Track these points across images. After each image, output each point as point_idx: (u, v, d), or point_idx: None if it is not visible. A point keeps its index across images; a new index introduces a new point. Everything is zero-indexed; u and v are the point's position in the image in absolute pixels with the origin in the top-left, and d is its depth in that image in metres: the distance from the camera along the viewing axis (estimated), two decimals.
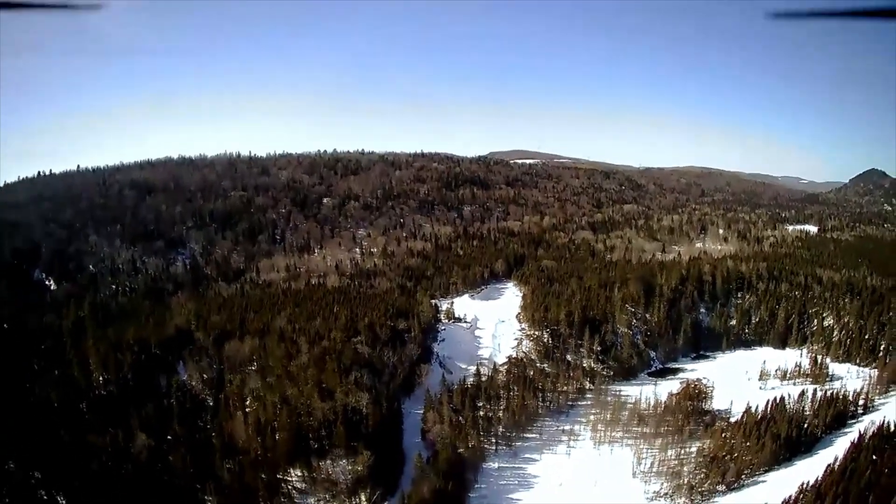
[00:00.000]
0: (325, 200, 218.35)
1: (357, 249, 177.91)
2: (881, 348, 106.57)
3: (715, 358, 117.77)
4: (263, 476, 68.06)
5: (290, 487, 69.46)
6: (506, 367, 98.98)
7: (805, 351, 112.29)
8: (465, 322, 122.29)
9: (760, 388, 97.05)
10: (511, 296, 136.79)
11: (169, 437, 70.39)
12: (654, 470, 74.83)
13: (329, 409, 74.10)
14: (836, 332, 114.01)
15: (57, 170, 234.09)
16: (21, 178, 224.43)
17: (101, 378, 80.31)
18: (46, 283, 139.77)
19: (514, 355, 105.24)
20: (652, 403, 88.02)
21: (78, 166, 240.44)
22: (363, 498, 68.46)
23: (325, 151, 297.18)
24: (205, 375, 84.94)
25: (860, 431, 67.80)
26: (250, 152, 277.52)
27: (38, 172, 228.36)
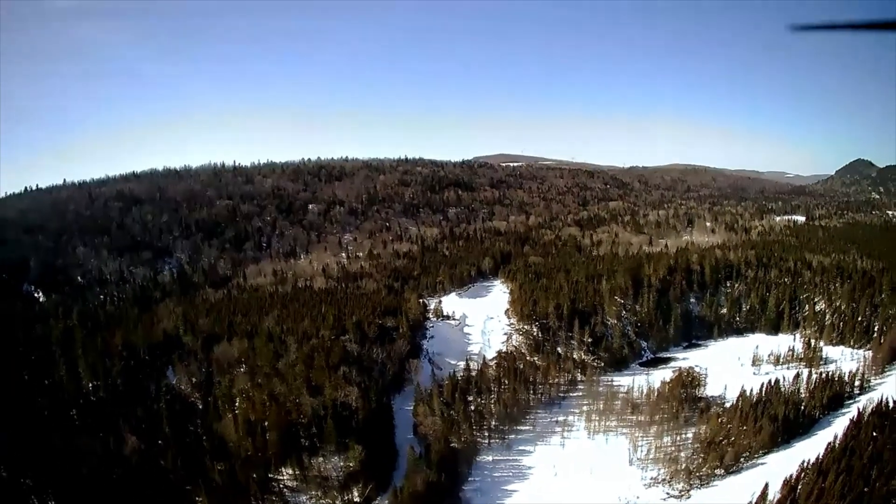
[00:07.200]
0: (310, 207, 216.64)
1: (343, 253, 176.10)
2: (875, 329, 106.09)
3: (707, 346, 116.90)
4: (255, 475, 67.21)
5: (281, 486, 68.58)
6: (496, 361, 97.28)
7: (798, 335, 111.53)
8: (454, 319, 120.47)
9: (754, 373, 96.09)
10: (499, 292, 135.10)
11: (159, 441, 69.52)
12: (651, 457, 73.58)
13: (318, 404, 73.01)
14: (828, 316, 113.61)
15: (43, 184, 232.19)
16: (8, 193, 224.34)
17: (90, 385, 79.55)
18: (35, 295, 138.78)
19: (504, 349, 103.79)
20: (645, 392, 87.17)
21: (64, 180, 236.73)
22: (355, 493, 67.48)
23: (309, 159, 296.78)
24: (194, 378, 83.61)
25: (859, 410, 67.05)
26: (235, 162, 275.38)
27: (25, 188, 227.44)
